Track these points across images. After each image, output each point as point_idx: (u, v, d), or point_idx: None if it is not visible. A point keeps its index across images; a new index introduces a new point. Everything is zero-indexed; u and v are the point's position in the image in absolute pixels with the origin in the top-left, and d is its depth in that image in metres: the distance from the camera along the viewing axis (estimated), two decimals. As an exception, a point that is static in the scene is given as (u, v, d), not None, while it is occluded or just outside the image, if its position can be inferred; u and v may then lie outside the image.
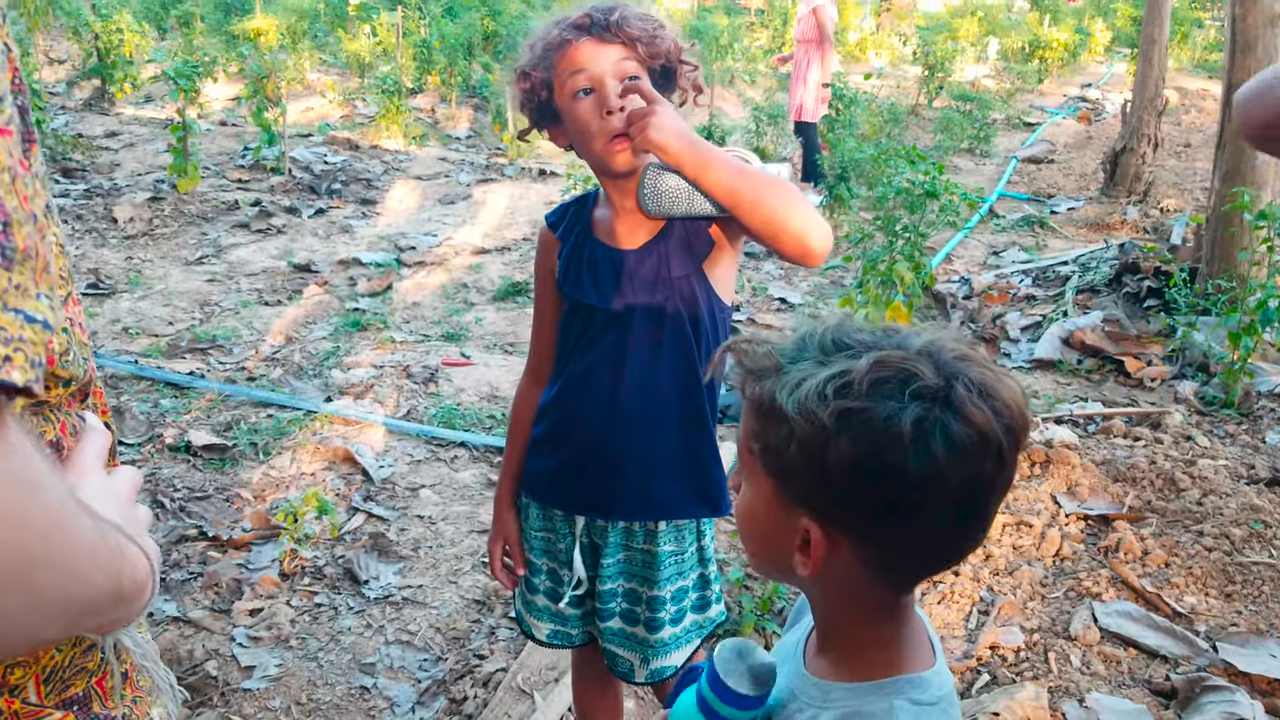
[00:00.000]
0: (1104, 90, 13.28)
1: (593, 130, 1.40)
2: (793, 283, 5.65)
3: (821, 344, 0.80)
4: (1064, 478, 3.20)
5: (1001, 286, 5.04)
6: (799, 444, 0.77)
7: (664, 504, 1.51)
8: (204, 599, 2.65)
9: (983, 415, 0.75)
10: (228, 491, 3.20)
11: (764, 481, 0.83)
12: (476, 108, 9.93)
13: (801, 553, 0.82)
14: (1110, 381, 4.18)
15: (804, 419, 0.76)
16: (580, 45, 1.39)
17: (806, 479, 0.78)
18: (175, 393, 3.84)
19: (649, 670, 1.58)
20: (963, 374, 0.77)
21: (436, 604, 2.72)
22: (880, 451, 0.74)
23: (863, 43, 16.11)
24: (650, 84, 1.40)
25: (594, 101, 1.39)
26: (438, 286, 5.32)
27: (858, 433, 0.74)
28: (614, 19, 1.39)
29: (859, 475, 0.75)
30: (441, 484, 3.34)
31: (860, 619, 0.85)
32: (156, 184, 6.55)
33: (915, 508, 0.76)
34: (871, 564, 0.81)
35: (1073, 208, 7.18)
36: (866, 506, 0.77)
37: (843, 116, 7.81)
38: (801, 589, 0.92)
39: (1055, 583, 2.79)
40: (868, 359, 0.76)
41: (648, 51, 1.40)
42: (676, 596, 1.56)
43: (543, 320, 1.63)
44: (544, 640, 1.70)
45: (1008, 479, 0.80)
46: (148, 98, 9.34)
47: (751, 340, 0.84)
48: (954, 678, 2.42)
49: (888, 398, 0.75)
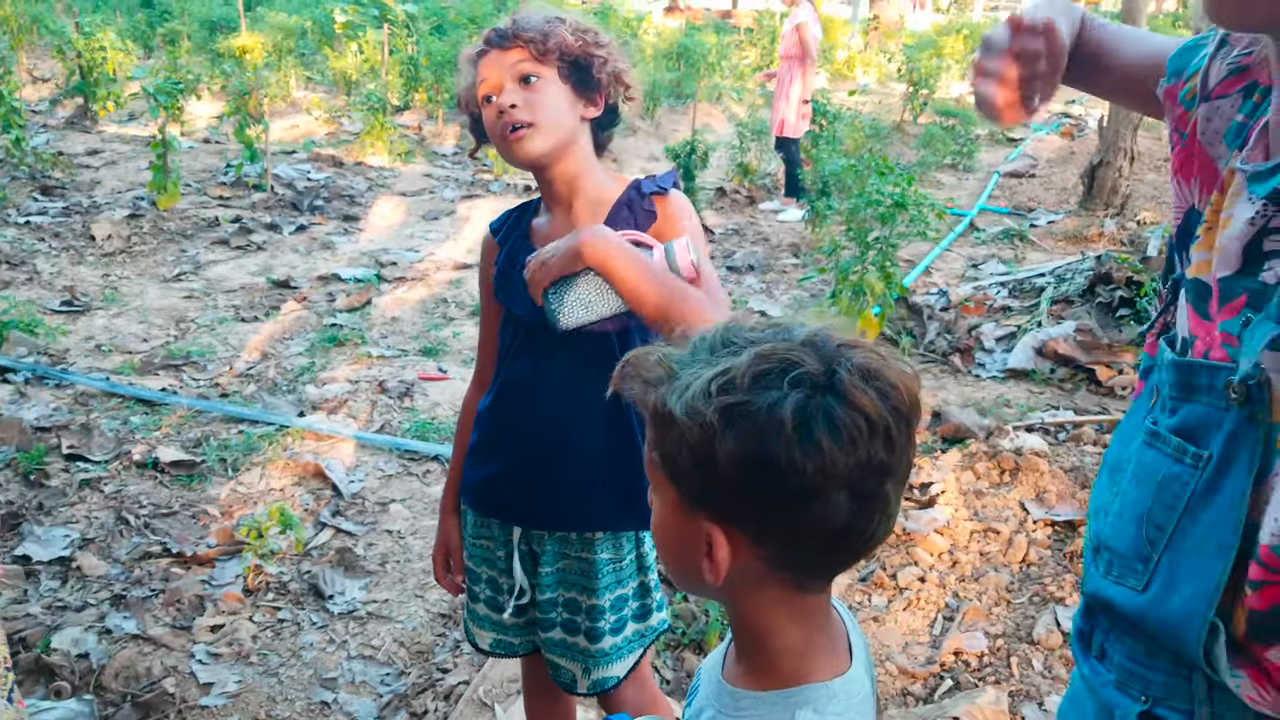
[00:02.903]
0: (1087, 106, 13.35)
1: (495, 131, 1.44)
2: (773, 295, 5.66)
3: (711, 345, 0.80)
4: (1033, 485, 3.20)
5: (978, 298, 5.06)
6: (689, 446, 0.76)
7: (593, 516, 1.51)
8: (165, 616, 2.63)
9: (867, 398, 0.74)
10: (194, 508, 3.18)
11: (667, 490, 0.82)
12: (463, 125, 9.94)
13: (708, 559, 0.81)
14: (1082, 390, 4.19)
15: (691, 419, 0.75)
16: (486, 58, 1.45)
17: (700, 480, 0.78)
18: (146, 409, 3.82)
19: (590, 680, 1.57)
20: (846, 359, 0.76)
21: (401, 618, 2.71)
22: (765, 443, 0.73)
23: (850, 60, 16.20)
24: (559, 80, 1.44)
25: (495, 106, 1.43)
26: (417, 301, 5.32)
27: (742, 427, 0.74)
28: (508, 25, 1.44)
29: (747, 469, 0.74)
30: (413, 498, 3.33)
31: (769, 625, 0.84)
32: (136, 201, 6.55)
33: (806, 497, 0.75)
34: (772, 561, 0.80)
35: (1052, 221, 7.21)
36: (759, 500, 0.76)
37: (826, 133, 7.86)
38: (716, 600, 0.91)
39: (1021, 588, 2.79)
40: (749, 353, 0.76)
41: (539, 50, 1.42)
42: (616, 605, 1.55)
43: (488, 325, 1.64)
44: (487, 649, 1.69)
45: (904, 462, 0.78)
46: (131, 115, 9.35)
47: (647, 350, 0.83)
48: (917, 683, 2.42)
49: (769, 388, 0.74)
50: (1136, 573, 0.97)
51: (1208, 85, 1.01)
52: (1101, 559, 1.03)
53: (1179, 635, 0.91)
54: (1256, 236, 0.88)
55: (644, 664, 1.63)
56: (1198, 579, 0.90)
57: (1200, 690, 0.93)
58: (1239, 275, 0.90)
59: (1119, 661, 1.01)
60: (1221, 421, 0.90)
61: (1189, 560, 0.92)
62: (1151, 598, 0.95)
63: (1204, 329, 0.95)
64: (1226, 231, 0.91)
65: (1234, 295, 0.90)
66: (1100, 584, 1.03)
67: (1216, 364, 0.91)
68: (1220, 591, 0.88)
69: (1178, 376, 0.97)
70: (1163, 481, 0.96)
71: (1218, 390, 0.90)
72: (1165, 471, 0.96)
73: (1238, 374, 0.87)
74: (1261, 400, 0.85)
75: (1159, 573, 0.95)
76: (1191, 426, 0.95)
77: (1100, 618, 1.06)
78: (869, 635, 2.57)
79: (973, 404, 4.04)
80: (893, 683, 2.42)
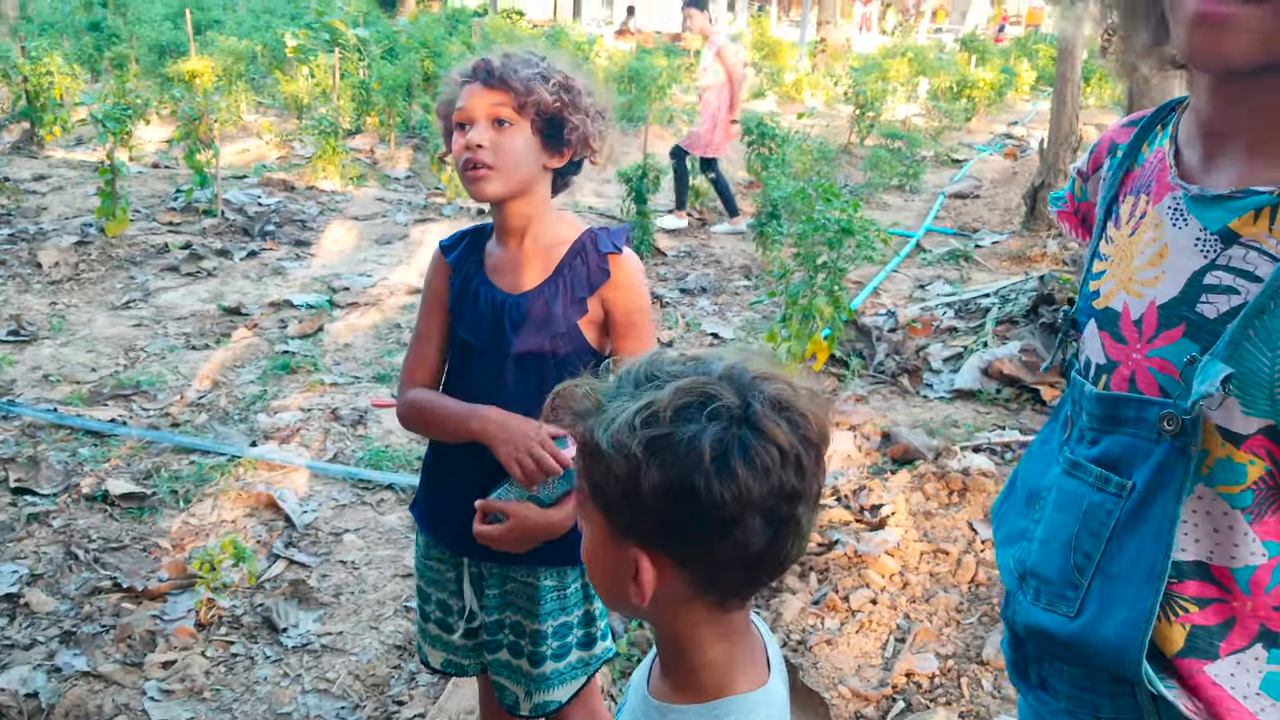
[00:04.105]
0: (1029, 127, 13.70)
1: (459, 160, 1.51)
2: (725, 318, 5.73)
3: (635, 379, 0.85)
4: (980, 505, 3.28)
5: (925, 319, 5.17)
6: (615, 477, 0.81)
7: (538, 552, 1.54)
8: (115, 652, 2.60)
9: (779, 429, 0.80)
10: (145, 541, 3.15)
11: (596, 518, 0.87)
12: (416, 148, 9.94)
13: (635, 583, 0.85)
14: (1027, 410, 4.29)
15: (617, 452, 0.80)
16: (470, 88, 1.51)
17: (627, 510, 0.82)
18: (95, 441, 3.77)
19: (533, 704, 1.61)
20: (760, 392, 0.82)
21: (356, 650, 2.70)
22: (686, 474, 0.78)
23: (799, 83, 16.44)
24: (529, 131, 1.48)
25: (465, 138, 1.50)
26: (370, 327, 5.30)
27: (664, 458, 0.79)
28: (498, 66, 1.49)
29: (670, 499, 0.79)
30: (366, 528, 3.32)
31: (692, 640, 0.88)
32: (84, 228, 6.45)
33: (726, 524, 0.80)
34: (696, 584, 0.85)
35: (996, 241, 7.39)
36: (682, 528, 0.81)
37: (775, 155, 7.97)
38: (644, 619, 0.96)
39: (971, 608, 2.85)
40: (671, 387, 0.81)
41: (518, 102, 1.47)
42: (559, 632, 1.59)
43: (427, 338, 1.64)
44: (438, 668, 1.73)
45: (815, 486, 0.84)
46: (79, 140, 9.22)
47: (576, 383, 0.88)
48: (869, 706, 2.47)
49: (689, 421, 0.79)
50: (1068, 599, 1.01)
51: (1083, 172, 1.17)
52: (1029, 587, 1.08)
53: (1118, 658, 0.95)
54: (1203, 269, 0.92)
55: (592, 690, 1.66)
56: (1131, 603, 0.94)
57: (1147, 705, 0.96)
58: (1178, 302, 0.93)
59: (1064, 690, 1.05)
60: (1151, 452, 0.94)
61: (1120, 586, 0.96)
62: (1084, 623, 0.99)
63: (1124, 353, 0.99)
64: (1169, 260, 0.95)
65: (1172, 323, 0.94)
66: (1030, 612, 1.07)
67: (1146, 399, 0.95)
68: (1155, 614, 0.92)
69: (1101, 409, 1.01)
70: (1088, 510, 1.00)
71: (1147, 422, 0.94)
72: (1089, 500, 1.00)
73: (1181, 407, 0.90)
74: (1195, 434, 0.90)
75: (1090, 599, 0.99)
76: (1115, 457, 0.99)
77: (1030, 646, 1.11)
78: (823, 658, 2.62)
79: (921, 425, 4.12)
80: (846, 706, 2.47)
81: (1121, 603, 0.96)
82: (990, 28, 31.55)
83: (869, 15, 34.93)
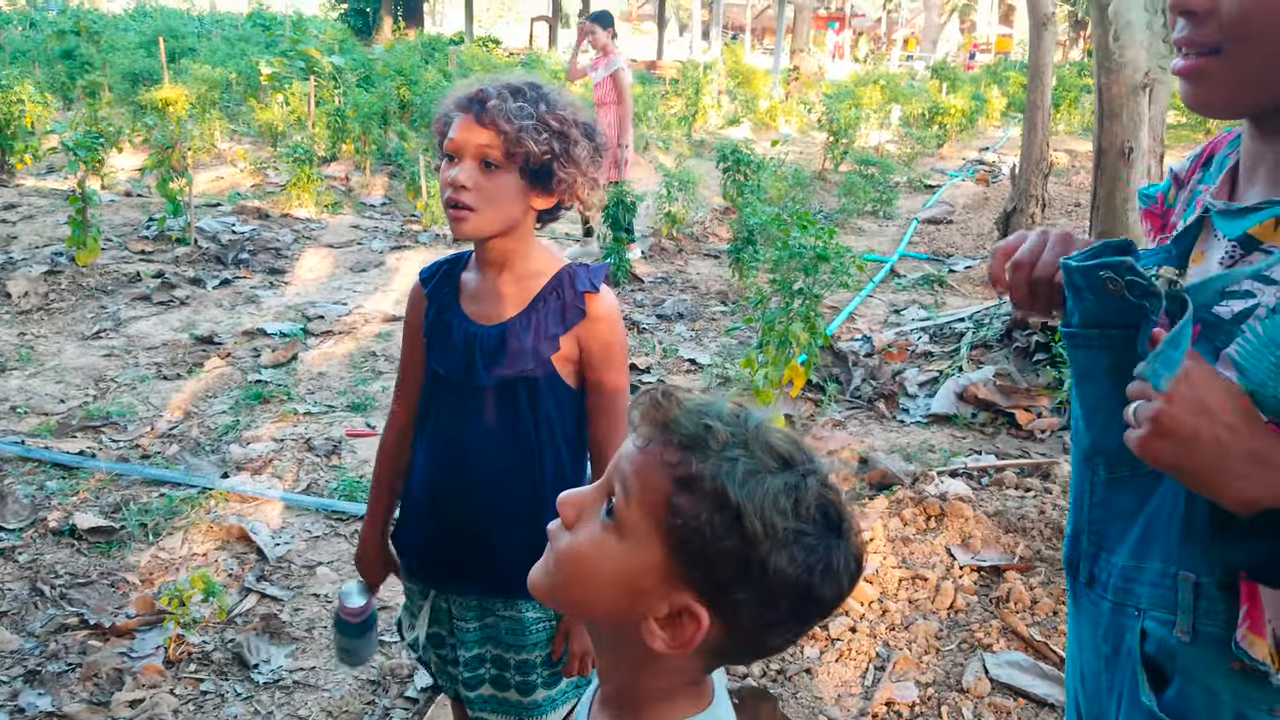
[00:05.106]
0: (1000, 153, 13.89)
1: (444, 191, 1.49)
2: (702, 343, 5.73)
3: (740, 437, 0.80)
4: (958, 530, 3.28)
5: (901, 344, 5.19)
6: (743, 540, 0.77)
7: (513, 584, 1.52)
8: (82, 691, 2.54)
9: (861, 543, 0.85)
10: (113, 576, 3.09)
11: (653, 549, 0.80)
12: (391, 175, 9.93)
13: (663, 626, 0.80)
14: (1003, 434, 4.31)
15: (760, 524, 0.76)
16: (464, 119, 1.48)
17: (726, 572, 0.78)
18: (63, 473, 3.71)
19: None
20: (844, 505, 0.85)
21: (329, 686, 2.65)
22: (815, 579, 0.79)
23: (773, 110, 16.59)
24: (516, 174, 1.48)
25: (452, 173, 1.47)
26: (345, 356, 5.26)
27: (804, 557, 0.78)
28: (491, 105, 1.46)
29: (785, 588, 0.78)
30: (340, 560, 3.28)
31: (662, 682, 0.86)
32: (55, 257, 6.38)
33: (804, 621, 0.83)
34: (721, 650, 0.84)
35: (970, 266, 7.45)
36: (770, 612, 0.80)
37: (751, 182, 8.02)
38: (600, 639, 0.90)
39: (949, 635, 2.84)
40: (814, 483, 0.81)
41: (507, 148, 1.45)
42: (549, 661, 1.57)
43: (409, 368, 1.67)
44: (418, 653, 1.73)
45: None
46: (50, 168, 9.14)
47: (686, 399, 0.83)
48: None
49: (830, 530, 0.81)
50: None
51: (1179, 178, 1.17)
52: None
53: None
54: (1223, 275, 0.97)
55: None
56: None
57: (1186, 600, 0.96)
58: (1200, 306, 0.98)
59: (1112, 583, 1.06)
60: None
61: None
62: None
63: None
64: (1200, 265, 1.02)
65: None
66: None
67: None
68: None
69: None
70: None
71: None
72: None
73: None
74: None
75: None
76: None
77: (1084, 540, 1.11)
78: (802, 688, 2.60)
79: (898, 450, 4.13)
80: (825, 734, 2.45)
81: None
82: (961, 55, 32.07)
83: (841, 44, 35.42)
